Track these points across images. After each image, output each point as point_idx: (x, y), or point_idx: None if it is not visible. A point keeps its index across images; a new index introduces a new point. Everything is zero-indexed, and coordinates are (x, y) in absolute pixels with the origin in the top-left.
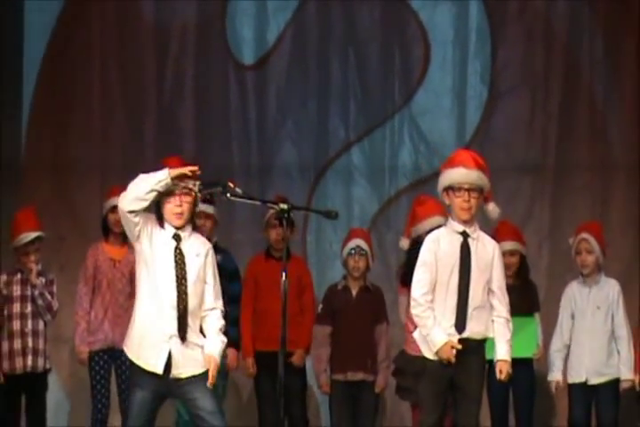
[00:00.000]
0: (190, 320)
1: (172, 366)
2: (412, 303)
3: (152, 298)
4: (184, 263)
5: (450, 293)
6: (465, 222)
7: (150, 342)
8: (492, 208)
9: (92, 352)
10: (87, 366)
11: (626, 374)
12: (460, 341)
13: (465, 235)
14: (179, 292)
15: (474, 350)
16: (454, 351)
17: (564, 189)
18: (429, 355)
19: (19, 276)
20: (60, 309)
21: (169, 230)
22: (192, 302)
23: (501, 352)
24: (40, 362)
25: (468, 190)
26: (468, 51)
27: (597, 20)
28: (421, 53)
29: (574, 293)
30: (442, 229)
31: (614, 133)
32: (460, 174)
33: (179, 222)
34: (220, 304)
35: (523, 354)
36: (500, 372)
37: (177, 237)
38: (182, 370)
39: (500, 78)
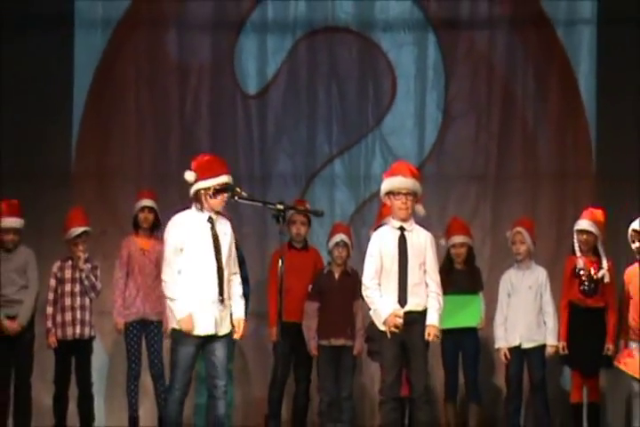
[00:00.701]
0: (225, 287)
1: (216, 326)
2: (362, 287)
3: (198, 272)
4: (218, 241)
5: (392, 276)
6: (403, 220)
7: (201, 308)
8: (420, 209)
9: (127, 323)
10: (123, 334)
11: (551, 341)
12: (405, 313)
13: (402, 229)
14: (217, 264)
15: (416, 319)
16: (399, 320)
17: (503, 193)
18: (381, 327)
19: (69, 262)
20: (102, 289)
21: (205, 214)
22: (226, 272)
23: (432, 319)
24: (86, 331)
25: (406, 194)
26: (427, 84)
27: (528, 60)
28: (389, 85)
29: (510, 276)
30: (385, 227)
31: (542, 149)
32: (399, 182)
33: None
34: (238, 269)
35: (469, 324)
36: (429, 334)
37: (211, 220)
38: (220, 329)
39: (451, 106)
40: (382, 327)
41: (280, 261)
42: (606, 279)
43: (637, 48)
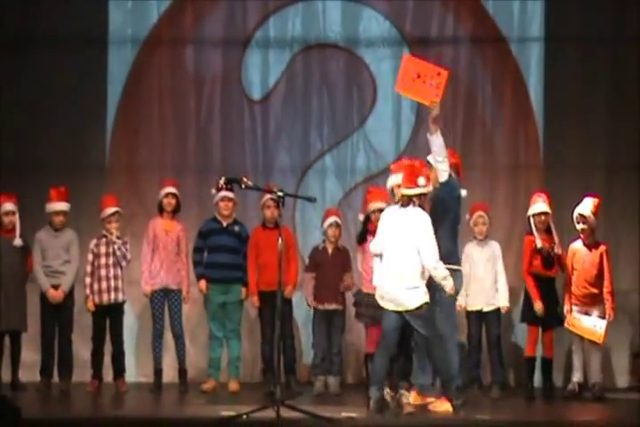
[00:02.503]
0: None
1: None
2: (434, 263)
3: None
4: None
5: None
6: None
7: None
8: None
9: (153, 291)
10: (149, 300)
11: (503, 302)
12: None
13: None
14: None
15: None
16: None
17: (465, 182)
18: (450, 292)
19: (104, 240)
20: (131, 261)
21: None
22: None
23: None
24: (119, 296)
25: None
26: None
27: (487, 71)
28: (371, 92)
29: (471, 251)
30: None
31: (498, 145)
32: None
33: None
34: None
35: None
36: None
37: None
38: None
39: (423, 109)
40: (450, 292)
41: (280, 240)
42: (559, 252)
43: (579, 61)
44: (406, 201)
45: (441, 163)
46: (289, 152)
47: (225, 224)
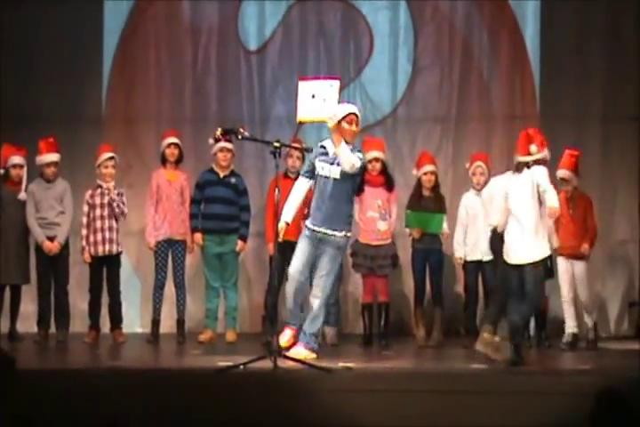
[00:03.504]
0: None
1: None
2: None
3: None
4: None
5: None
6: None
7: None
8: None
9: (157, 242)
10: (153, 250)
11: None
12: None
13: None
14: None
15: None
16: None
17: (462, 132)
18: None
19: (99, 190)
20: (129, 212)
21: None
22: None
23: None
24: (115, 248)
25: None
26: (399, 41)
27: (484, 21)
28: (368, 42)
29: (469, 201)
30: None
31: (495, 95)
32: None
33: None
34: None
35: (436, 231)
36: None
37: None
38: None
39: (419, 59)
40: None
41: (277, 190)
42: None
43: (576, 12)
44: (521, 167)
45: (354, 168)
46: (285, 103)
47: (222, 175)
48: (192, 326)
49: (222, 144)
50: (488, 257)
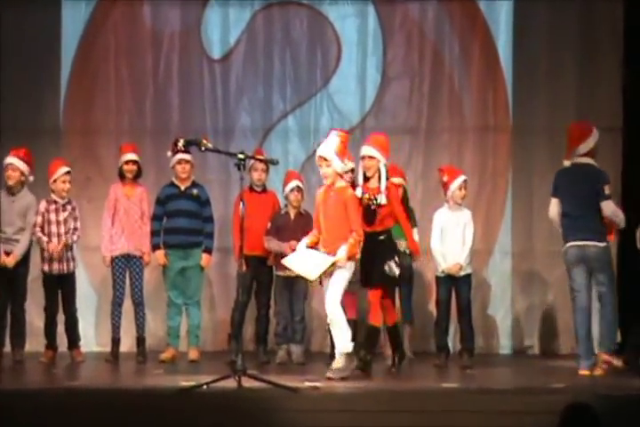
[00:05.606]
0: None
1: None
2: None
3: None
4: None
5: None
6: None
7: None
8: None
9: (113, 257)
10: (110, 266)
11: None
12: None
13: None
14: None
15: None
16: None
17: (433, 145)
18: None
19: (53, 206)
20: (87, 227)
21: None
22: None
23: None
24: (71, 265)
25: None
26: (367, 49)
27: (455, 29)
28: (335, 51)
29: (445, 215)
30: None
31: (466, 106)
32: None
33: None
34: None
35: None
36: None
37: None
38: None
39: (388, 69)
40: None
41: (242, 204)
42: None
43: (548, 20)
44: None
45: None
46: (250, 113)
47: (183, 188)
48: (153, 344)
49: (180, 156)
50: (462, 272)
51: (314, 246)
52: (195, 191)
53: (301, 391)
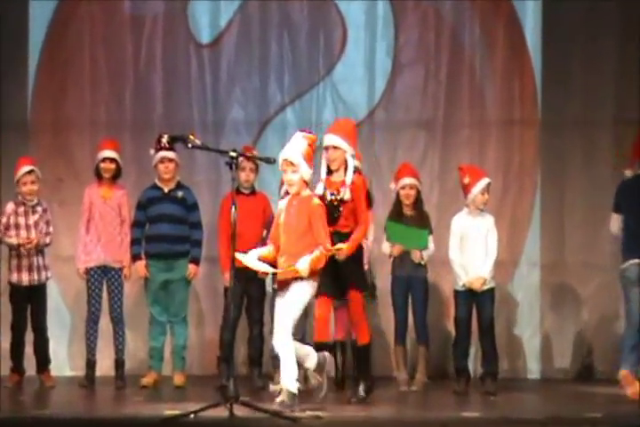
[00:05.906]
0: None
1: None
2: None
3: None
4: None
5: None
6: None
7: None
8: None
9: (88, 269)
10: (84, 278)
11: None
12: None
13: None
14: None
15: None
16: None
17: (451, 141)
18: None
19: (22, 208)
20: (59, 233)
21: None
22: None
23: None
24: (43, 275)
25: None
26: (377, 33)
27: (476, 10)
28: (340, 35)
29: (465, 221)
30: None
31: (489, 97)
32: None
33: None
34: None
35: (419, 246)
36: None
37: None
38: None
39: (401, 54)
40: None
41: (233, 208)
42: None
43: (582, 2)
44: None
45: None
46: (243, 105)
47: (166, 190)
48: (133, 367)
49: (162, 154)
50: (486, 286)
51: (269, 262)
52: (180, 194)
53: (302, 421)
